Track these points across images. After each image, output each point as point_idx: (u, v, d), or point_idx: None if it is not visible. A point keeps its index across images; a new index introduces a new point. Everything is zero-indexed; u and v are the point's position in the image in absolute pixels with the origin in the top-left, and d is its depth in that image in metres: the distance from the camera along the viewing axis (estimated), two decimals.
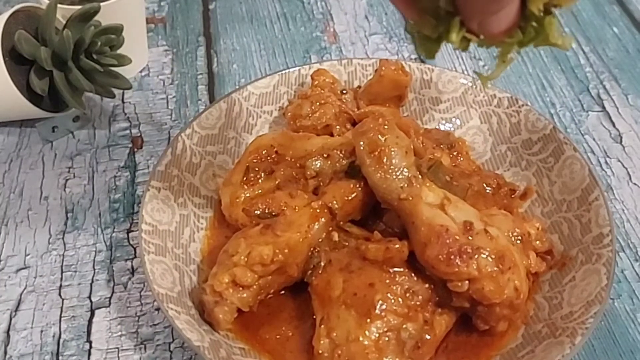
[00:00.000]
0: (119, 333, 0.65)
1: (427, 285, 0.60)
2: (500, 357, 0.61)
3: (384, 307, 0.57)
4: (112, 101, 0.87)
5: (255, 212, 0.65)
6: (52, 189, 0.78)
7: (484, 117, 0.79)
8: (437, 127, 0.80)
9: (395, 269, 0.60)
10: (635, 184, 0.79)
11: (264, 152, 0.70)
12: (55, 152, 0.82)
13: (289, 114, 0.76)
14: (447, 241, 0.58)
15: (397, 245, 0.59)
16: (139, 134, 0.84)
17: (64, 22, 0.77)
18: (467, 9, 0.37)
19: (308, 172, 0.68)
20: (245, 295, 0.60)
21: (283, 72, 0.81)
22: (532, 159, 0.75)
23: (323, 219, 0.63)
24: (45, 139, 0.83)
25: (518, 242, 0.64)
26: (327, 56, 0.95)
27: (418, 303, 0.59)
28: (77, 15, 0.76)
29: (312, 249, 0.62)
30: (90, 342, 0.65)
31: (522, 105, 0.77)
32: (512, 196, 0.71)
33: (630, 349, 0.64)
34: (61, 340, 0.65)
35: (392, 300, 0.58)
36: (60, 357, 0.64)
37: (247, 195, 0.68)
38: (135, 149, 0.82)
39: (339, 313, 0.58)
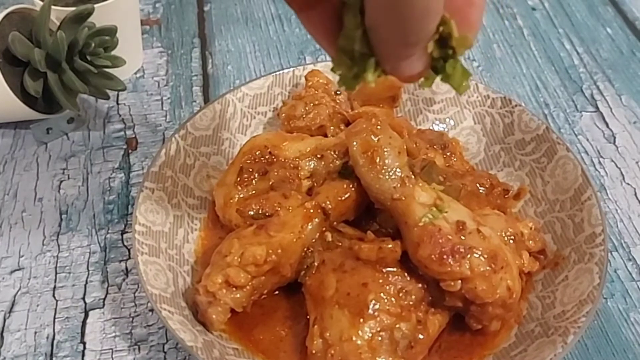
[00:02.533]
0: (113, 334, 0.65)
1: (420, 285, 0.60)
2: (493, 356, 0.61)
3: (377, 306, 0.57)
4: (106, 103, 0.87)
5: (249, 212, 0.66)
6: (47, 191, 0.78)
7: (477, 117, 0.79)
8: (431, 127, 0.80)
9: (389, 269, 0.60)
10: (628, 184, 0.79)
11: (257, 153, 0.70)
12: (49, 154, 0.82)
13: (283, 114, 0.76)
14: (440, 241, 0.58)
15: (390, 245, 0.59)
16: (133, 136, 0.84)
17: (58, 23, 0.77)
18: (381, 53, 0.39)
19: (302, 173, 0.68)
20: (238, 295, 0.60)
21: (277, 73, 0.82)
22: (525, 159, 0.75)
23: (316, 220, 0.63)
24: (39, 140, 0.83)
25: (511, 241, 0.64)
26: (321, 57, 0.95)
27: (411, 303, 0.59)
28: (71, 16, 0.76)
29: (305, 249, 0.63)
30: (84, 343, 0.65)
31: (516, 105, 0.77)
32: (506, 196, 0.71)
33: (623, 347, 0.65)
34: (55, 342, 0.65)
35: (385, 300, 0.58)
36: (54, 358, 0.64)
37: (241, 196, 0.68)
38: (130, 151, 0.82)
39: (332, 313, 0.58)
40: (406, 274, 0.60)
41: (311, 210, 0.63)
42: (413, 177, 0.61)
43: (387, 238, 0.61)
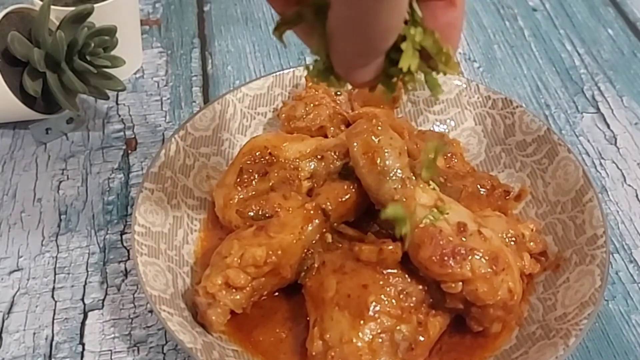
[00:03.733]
0: (112, 335, 0.65)
1: (420, 287, 0.60)
2: (494, 358, 0.61)
3: (377, 308, 0.57)
4: (106, 103, 0.87)
5: (249, 213, 0.65)
6: (46, 191, 0.78)
7: (478, 118, 0.79)
8: (432, 128, 0.80)
9: (389, 271, 0.59)
10: (629, 185, 0.79)
11: (257, 154, 0.70)
12: (48, 154, 0.82)
13: (283, 115, 0.76)
14: (441, 242, 0.57)
15: (390, 247, 0.59)
16: (133, 136, 0.84)
17: (58, 23, 0.77)
18: (337, 59, 0.40)
19: (302, 174, 0.68)
20: (238, 296, 0.60)
21: (277, 73, 0.81)
22: (526, 160, 0.75)
23: (317, 221, 0.63)
24: (38, 140, 0.82)
25: (512, 243, 0.64)
26: None
27: (412, 304, 0.59)
28: (70, 16, 0.76)
29: (305, 250, 0.62)
30: (83, 345, 0.64)
31: (517, 106, 0.76)
32: (507, 197, 0.71)
33: (624, 350, 0.64)
34: (54, 343, 0.65)
35: (386, 302, 0.58)
36: None
37: (241, 196, 0.68)
38: (129, 151, 0.82)
39: (333, 314, 0.58)
40: (407, 276, 0.60)
41: (311, 212, 0.63)
42: (414, 178, 0.61)
43: (387, 239, 0.60)
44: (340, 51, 0.39)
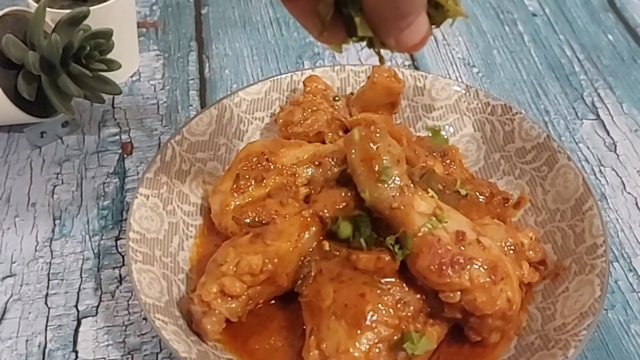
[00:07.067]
0: (106, 343, 0.64)
1: (418, 296, 0.59)
2: None
3: (374, 318, 0.56)
4: (101, 106, 0.86)
5: (245, 220, 0.65)
6: (40, 195, 0.77)
7: (477, 124, 0.78)
8: (430, 134, 0.79)
9: (387, 280, 0.59)
10: (629, 193, 0.78)
11: (254, 159, 0.69)
12: (43, 158, 0.81)
13: (281, 120, 0.76)
14: (439, 251, 0.57)
15: (388, 256, 0.58)
16: (128, 140, 0.83)
17: (53, 26, 0.76)
18: (381, 30, 0.41)
19: (299, 180, 0.68)
20: (234, 305, 0.59)
21: (275, 78, 0.81)
22: (525, 167, 0.74)
23: (314, 228, 0.62)
24: (33, 144, 0.82)
25: (511, 252, 0.63)
26: (320, 62, 0.94)
27: (409, 314, 0.58)
28: (66, 19, 0.75)
29: (302, 258, 0.62)
30: (77, 352, 0.64)
31: (516, 113, 0.76)
32: (506, 205, 0.70)
33: None
34: (47, 350, 0.64)
35: (383, 311, 0.57)
36: None
37: (237, 203, 0.67)
38: (125, 155, 0.81)
39: (329, 324, 0.57)
40: (404, 285, 0.59)
41: (308, 219, 0.62)
42: (412, 185, 0.60)
43: (385, 248, 0.60)
44: (385, 20, 0.40)
